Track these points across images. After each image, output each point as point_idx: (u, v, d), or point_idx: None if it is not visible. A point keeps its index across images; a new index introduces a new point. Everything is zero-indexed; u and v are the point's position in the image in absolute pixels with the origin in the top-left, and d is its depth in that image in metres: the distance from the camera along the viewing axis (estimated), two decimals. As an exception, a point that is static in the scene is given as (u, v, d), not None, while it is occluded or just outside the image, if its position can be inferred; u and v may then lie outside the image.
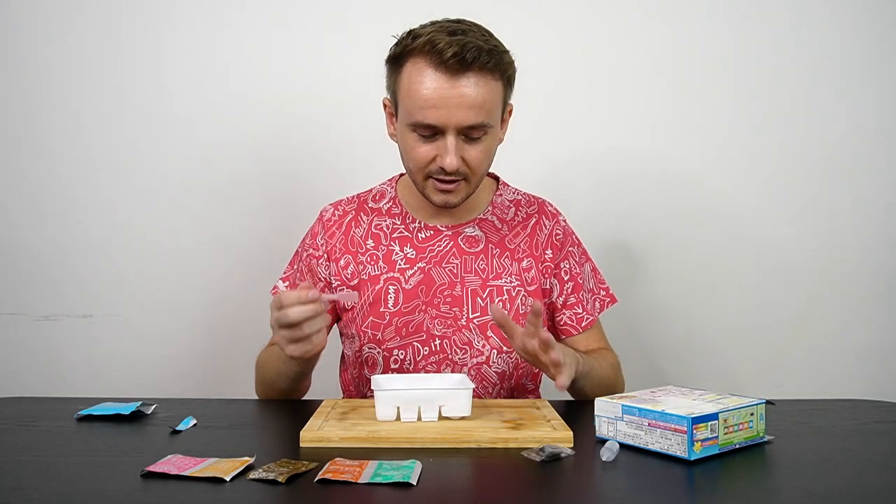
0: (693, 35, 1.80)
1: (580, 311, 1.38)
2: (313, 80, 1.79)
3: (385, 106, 1.31)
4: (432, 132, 1.21)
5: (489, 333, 1.31)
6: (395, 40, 1.25)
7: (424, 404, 1.04)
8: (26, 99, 1.78)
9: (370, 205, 1.39)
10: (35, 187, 1.79)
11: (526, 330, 1.09)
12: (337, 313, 1.39)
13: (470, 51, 1.16)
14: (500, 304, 1.31)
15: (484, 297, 1.31)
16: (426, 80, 1.18)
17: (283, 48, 1.79)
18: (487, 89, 1.19)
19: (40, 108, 1.78)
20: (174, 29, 1.78)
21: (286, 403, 1.29)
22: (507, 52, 1.23)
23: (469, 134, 1.21)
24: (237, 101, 1.79)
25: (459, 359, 1.30)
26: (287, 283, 1.41)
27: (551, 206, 1.43)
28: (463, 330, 1.31)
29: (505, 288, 1.32)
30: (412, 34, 1.22)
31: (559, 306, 1.38)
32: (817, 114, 1.82)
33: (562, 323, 1.38)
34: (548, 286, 1.36)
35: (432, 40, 1.17)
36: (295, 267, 1.41)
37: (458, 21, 1.23)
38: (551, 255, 1.36)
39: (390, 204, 1.38)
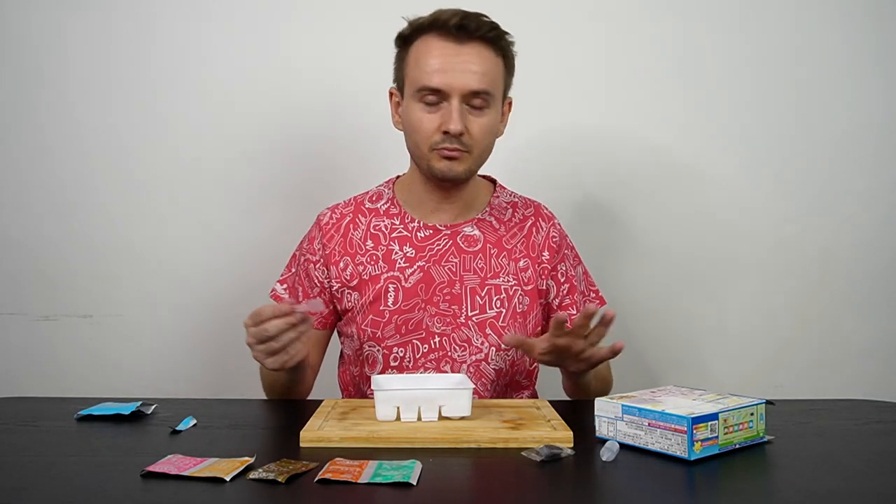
0: (695, 33, 1.80)
1: (574, 312, 1.40)
2: (313, 79, 1.79)
3: (391, 95, 1.36)
4: (438, 99, 1.26)
5: (488, 331, 1.32)
6: (405, 25, 1.31)
7: (424, 404, 1.04)
8: (27, 99, 1.78)
9: (367, 205, 1.40)
10: (35, 187, 1.78)
11: (574, 331, 1.13)
12: (337, 314, 1.40)
13: (473, 20, 1.25)
14: (499, 302, 1.34)
15: (482, 295, 1.33)
16: (433, 49, 1.26)
17: (283, 46, 1.79)
18: (490, 60, 1.27)
19: (40, 109, 1.78)
20: (173, 27, 1.78)
21: (286, 403, 1.29)
22: (509, 34, 1.31)
23: (472, 102, 1.26)
24: (238, 102, 1.79)
25: (458, 356, 1.32)
26: (285, 286, 1.42)
27: (546, 209, 1.45)
28: (462, 327, 1.32)
29: (503, 287, 1.34)
30: (414, 19, 1.30)
31: (555, 308, 1.40)
32: (818, 113, 1.81)
33: None
34: (544, 287, 1.38)
35: (439, 15, 1.27)
36: (293, 270, 1.43)
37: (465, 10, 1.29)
38: (548, 258, 1.39)
39: (388, 204, 1.39)
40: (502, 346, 1.32)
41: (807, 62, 1.81)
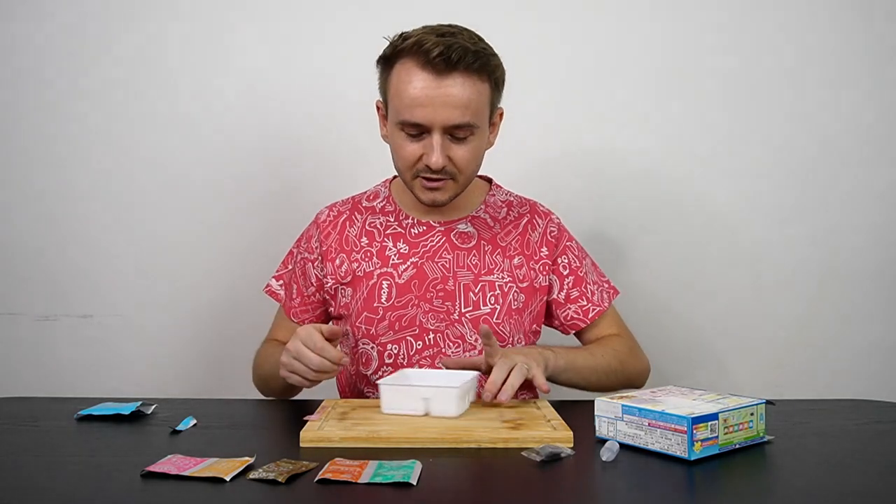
0: (688, 33, 1.80)
1: (585, 303, 1.39)
2: (312, 80, 1.79)
3: (378, 108, 1.34)
4: (419, 131, 1.24)
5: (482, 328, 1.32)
6: (387, 42, 1.28)
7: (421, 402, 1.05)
8: (27, 99, 1.77)
9: (364, 204, 1.41)
10: (35, 187, 1.78)
11: (485, 352, 1.18)
12: (328, 315, 1.41)
13: (456, 51, 1.19)
14: (493, 298, 1.34)
15: (476, 291, 1.33)
16: (413, 80, 1.21)
17: (282, 47, 1.78)
18: (474, 90, 1.22)
19: (40, 109, 1.78)
20: (173, 28, 1.78)
21: (286, 403, 1.30)
22: (495, 55, 1.26)
23: (455, 133, 1.24)
24: (237, 102, 1.79)
25: (452, 353, 1.32)
26: (281, 282, 1.43)
27: (542, 206, 1.45)
28: (455, 324, 1.33)
29: (497, 283, 1.34)
30: (403, 36, 1.25)
31: (562, 301, 1.39)
32: (817, 113, 1.81)
33: (568, 318, 1.39)
34: (546, 283, 1.38)
35: (420, 41, 1.20)
36: (289, 267, 1.44)
37: (450, 25, 1.26)
38: (547, 253, 1.38)
39: (384, 203, 1.40)
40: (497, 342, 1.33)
41: (805, 63, 1.81)
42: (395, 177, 1.43)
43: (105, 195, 1.79)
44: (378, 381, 1.12)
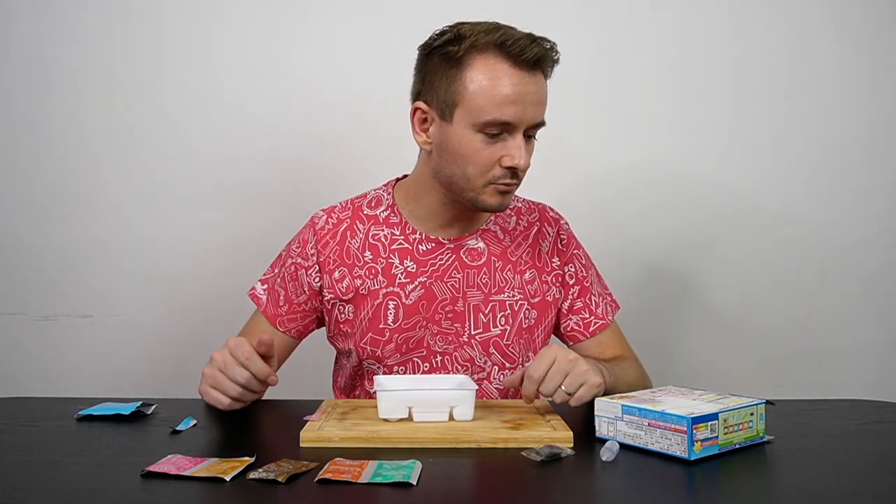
0: (696, 37, 1.80)
1: (587, 315, 1.35)
2: (311, 82, 1.79)
3: (416, 112, 1.23)
4: (501, 131, 1.16)
5: (491, 350, 1.28)
6: (439, 41, 1.19)
7: (431, 406, 1.04)
8: (27, 99, 1.78)
9: (366, 212, 1.32)
10: (35, 187, 1.79)
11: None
12: (318, 323, 1.35)
13: (544, 50, 1.16)
14: (504, 319, 1.29)
15: (486, 312, 1.28)
16: (505, 78, 1.14)
17: (282, 48, 1.79)
18: (546, 88, 1.20)
19: (41, 109, 1.78)
20: (174, 29, 1.78)
21: (286, 403, 1.29)
22: None
23: (529, 133, 1.19)
24: (237, 103, 1.79)
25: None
26: (266, 286, 1.35)
27: (552, 210, 1.40)
28: (465, 346, 1.28)
29: (507, 303, 1.29)
30: (464, 33, 1.17)
31: (565, 311, 1.35)
32: (817, 113, 1.82)
33: (569, 329, 1.35)
34: (558, 295, 1.33)
35: (506, 38, 1.14)
36: (276, 271, 1.35)
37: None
38: (558, 263, 1.34)
39: (388, 212, 1.31)
40: (506, 364, 1.29)
41: (806, 62, 1.81)
42: (397, 180, 1.36)
43: (105, 195, 1.79)
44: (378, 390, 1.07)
